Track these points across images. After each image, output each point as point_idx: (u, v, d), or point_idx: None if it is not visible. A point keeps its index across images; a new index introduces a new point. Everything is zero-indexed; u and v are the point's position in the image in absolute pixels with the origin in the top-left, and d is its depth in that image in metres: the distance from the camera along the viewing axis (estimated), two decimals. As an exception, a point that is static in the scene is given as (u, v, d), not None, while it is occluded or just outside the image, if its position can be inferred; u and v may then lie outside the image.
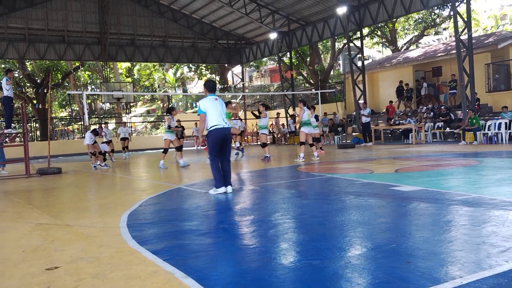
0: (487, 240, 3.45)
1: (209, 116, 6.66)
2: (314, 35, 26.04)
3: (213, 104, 6.70)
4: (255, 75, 53.91)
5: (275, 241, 3.85)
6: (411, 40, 36.35)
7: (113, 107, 40.07)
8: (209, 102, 6.72)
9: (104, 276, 3.07)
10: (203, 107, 6.69)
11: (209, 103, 6.71)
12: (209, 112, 6.66)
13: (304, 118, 12.25)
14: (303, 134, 12.36)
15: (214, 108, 6.67)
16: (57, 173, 12.17)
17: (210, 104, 6.70)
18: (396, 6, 20.71)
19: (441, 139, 19.06)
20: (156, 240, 4.11)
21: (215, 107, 6.68)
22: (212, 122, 6.63)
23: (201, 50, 31.41)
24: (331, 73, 35.87)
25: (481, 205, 4.84)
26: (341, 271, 2.93)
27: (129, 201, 6.51)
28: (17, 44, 25.79)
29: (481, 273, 2.74)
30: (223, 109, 6.81)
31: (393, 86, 24.61)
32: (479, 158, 10.41)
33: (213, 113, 6.65)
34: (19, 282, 3.06)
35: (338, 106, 25.15)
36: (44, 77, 31.24)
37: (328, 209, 5.15)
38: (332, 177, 8.37)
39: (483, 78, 19.64)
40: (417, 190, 6.02)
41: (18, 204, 6.82)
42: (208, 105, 6.69)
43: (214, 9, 28.14)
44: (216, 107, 6.70)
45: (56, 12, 26.59)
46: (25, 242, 4.24)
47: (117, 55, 28.84)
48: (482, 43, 20.81)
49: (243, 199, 6.36)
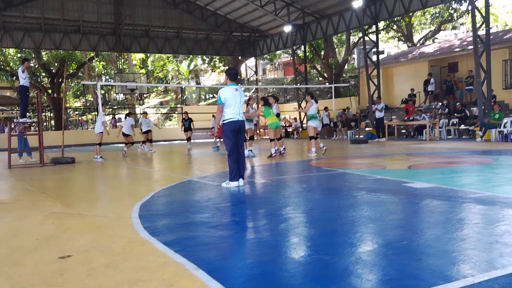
0: (500, 239, 3.41)
1: (227, 108, 6.55)
2: (329, 28, 25.85)
3: (233, 95, 6.57)
4: (268, 68, 53.78)
5: (285, 235, 3.85)
6: (428, 35, 35.89)
7: (127, 98, 40.28)
8: (230, 93, 6.57)
9: (115, 266, 3.10)
10: (223, 97, 6.53)
11: (229, 94, 6.57)
12: (228, 103, 6.54)
13: (311, 111, 11.97)
14: (311, 128, 12.11)
15: (233, 99, 6.56)
16: (70, 163, 12.29)
17: (230, 95, 6.57)
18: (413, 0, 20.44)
19: (456, 136, 18.85)
20: (168, 231, 4.13)
21: (234, 98, 6.56)
22: (229, 115, 6.55)
23: (215, 42, 31.40)
24: (345, 67, 35.60)
25: (495, 203, 4.79)
26: (352, 267, 2.93)
27: (141, 192, 6.56)
28: (33, 33, 26.03)
29: (494, 272, 2.71)
30: (242, 101, 6.72)
31: (408, 81, 24.37)
32: (494, 156, 10.28)
33: (231, 105, 6.53)
34: (32, 270, 3.10)
35: (352, 100, 24.99)
36: (59, 67, 31.51)
37: (340, 204, 5.13)
38: (344, 172, 8.34)
39: (500, 75, 19.34)
40: (430, 187, 5.97)
41: (32, 193, 6.91)
42: (229, 96, 6.56)
43: (229, 1, 28.06)
44: (236, 98, 6.58)
45: (72, 2, 26.75)
46: (38, 230, 4.30)
47: (132, 46, 28.96)
48: (500, 39, 20.46)
49: (254, 193, 6.37)
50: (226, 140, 6.64)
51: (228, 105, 6.54)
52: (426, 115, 19.91)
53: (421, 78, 23.54)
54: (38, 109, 12.41)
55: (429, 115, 20.17)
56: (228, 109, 6.55)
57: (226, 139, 6.64)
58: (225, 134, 6.62)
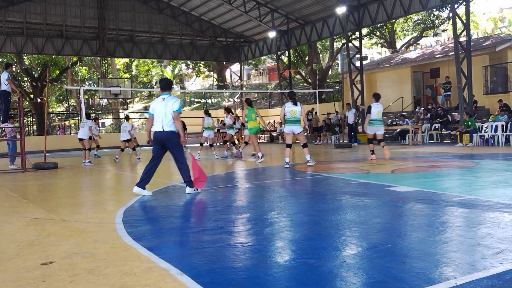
0: (482, 242, 3.46)
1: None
2: (313, 34, 26.05)
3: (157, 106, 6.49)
4: (253, 73, 53.92)
5: (270, 239, 3.85)
6: (410, 41, 36.38)
7: (111, 103, 39.98)
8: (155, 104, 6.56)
9: (99, 272, 3.06)
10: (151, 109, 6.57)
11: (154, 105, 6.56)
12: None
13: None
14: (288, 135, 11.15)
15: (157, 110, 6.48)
16: (53, 168, 12.13)
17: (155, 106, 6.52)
18: (395, 6, 20.73)
19: (438, 141, 19.09)
20: (152, 236, 4.10)
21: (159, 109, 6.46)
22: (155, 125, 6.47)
23: (200, 47, 31.37)
24: (329, 72, 35.86)
25: (477, 206, 4.85)
26: (336, 270, 2.94)
27: (125, 197, 6.50)
28: (15, 38, 25.70)
29: (476, 274, 2.74)
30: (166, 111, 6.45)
31: (391, 87, 24.66)
32: (475, 160, 10.44)
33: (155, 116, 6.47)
34: (13, 276, 3.05)
35: (336, 106, 25.16)
36: (41, 71, 31.14)
37: (324, 208, 5.16)
38: (328, 176, 8.38)
39: (481, 80, 19.69)
40: (413, 191, 6.03)
41: (13, 199, 6.79)
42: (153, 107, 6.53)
43: (214, 7, 28.10)
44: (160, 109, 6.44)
45: (55, 7, 26.51)
46: (20, 236, 4.22)
47: (115, 51, 28.78)
48: (480, 46, 20.85)
49: (239, 197, 6.36)
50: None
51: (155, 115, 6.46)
52: (409, 120, 20.16)
53: (404, 84, 23.85)
54: (20, 114, 12.23)
55: (412, 120, 20.42)
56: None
57: None
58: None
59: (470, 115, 16.49)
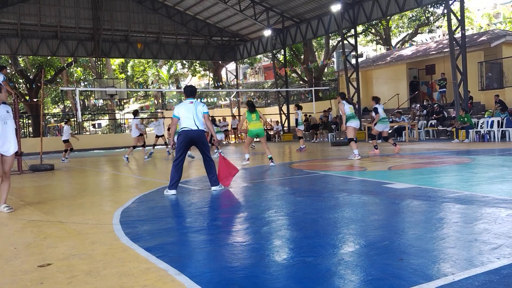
0: (479, 238, 3.47)
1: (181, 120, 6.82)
2: (308, 32, 26.03)
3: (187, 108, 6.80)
4: (249, 72, 53.89)
5: (268, 238, 3.85)
6: (405, 38, 36.44)
7: (106, 104, 39.86)
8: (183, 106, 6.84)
9: (97, 273, 3.06)
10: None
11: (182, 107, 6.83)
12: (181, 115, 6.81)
13: (347, 112, 11.26)
14: (351, 129, 11.23)
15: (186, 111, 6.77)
16: (49, 170, 12.10)
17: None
18: (390, 4, 20.72)
19: (434, 137, 19.14)
20: (149, 237, 4.09)
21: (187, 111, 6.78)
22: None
23: (195, 47, 31.30)
24: (325, 70, 35.87)
25: (474, 202, 4.87)
26: (335, 268, 2.94)
27: (122, 198, 6.49)
28: (9, 39, 25.55)
29: (473, 270, 2.75)
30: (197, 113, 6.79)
31: (387, 83, 24.70)
32: (472, 156, 10.47)
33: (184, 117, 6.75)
34: (11, 278, 3.04)
35: (333, 104, 25.18)
36: (36, 73, 31.01)
37: (322, 206, 5.16)
38: (326, 174, 8.39)
39: (476, 76, 19.73)
40: (410, 188, 6.05)
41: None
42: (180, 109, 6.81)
43: (208, 6, 28.03)
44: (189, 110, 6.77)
45: (49, 8, 26.37)
46: (17, 238, 4.21)
47: (111, 51, 28.66)
48: (475, 42, 20.89)
49: (236, 196, 6.36)
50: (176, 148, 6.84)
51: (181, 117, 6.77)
52: (405, 117, 20.21)
53: (399, 81, 23.88)
54: (15, 116, 12.18)
55: (408, 117, 20.47)
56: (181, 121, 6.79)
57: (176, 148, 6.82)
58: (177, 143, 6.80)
59: (466, 111, 16.54)
